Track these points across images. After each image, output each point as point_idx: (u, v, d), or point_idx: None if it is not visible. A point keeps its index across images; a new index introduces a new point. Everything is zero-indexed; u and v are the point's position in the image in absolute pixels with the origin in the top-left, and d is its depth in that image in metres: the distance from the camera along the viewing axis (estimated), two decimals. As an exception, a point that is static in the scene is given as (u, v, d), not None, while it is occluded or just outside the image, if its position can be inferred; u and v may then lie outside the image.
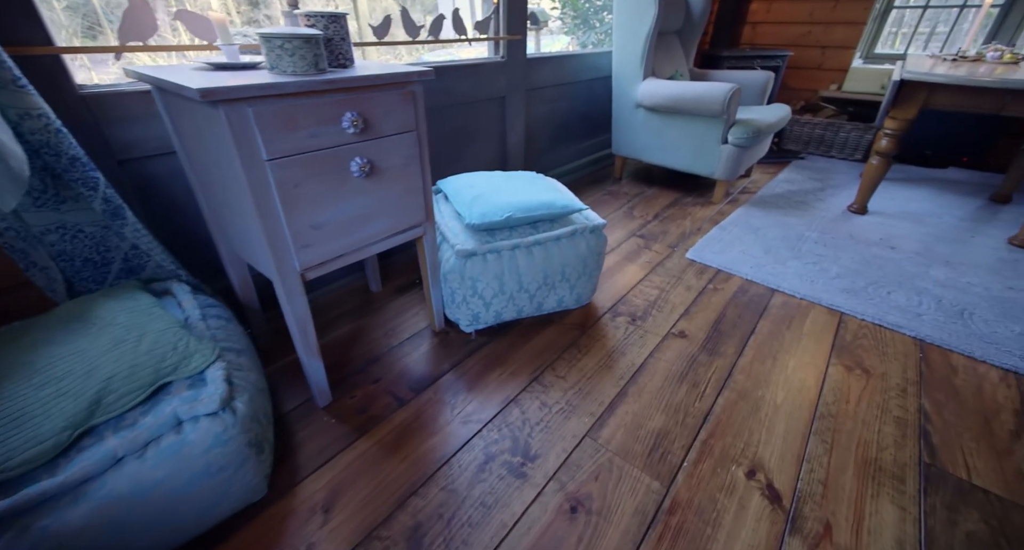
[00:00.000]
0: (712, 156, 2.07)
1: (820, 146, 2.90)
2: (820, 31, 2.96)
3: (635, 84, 2.18)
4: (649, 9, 1.99)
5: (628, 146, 2.37)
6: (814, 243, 1.79)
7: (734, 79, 2.44)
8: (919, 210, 2.10)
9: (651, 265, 1.62)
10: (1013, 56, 1.89)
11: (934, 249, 1.74)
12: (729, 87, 1.88)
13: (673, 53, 2.41)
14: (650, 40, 2.05)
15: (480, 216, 1.11)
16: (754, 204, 2.17)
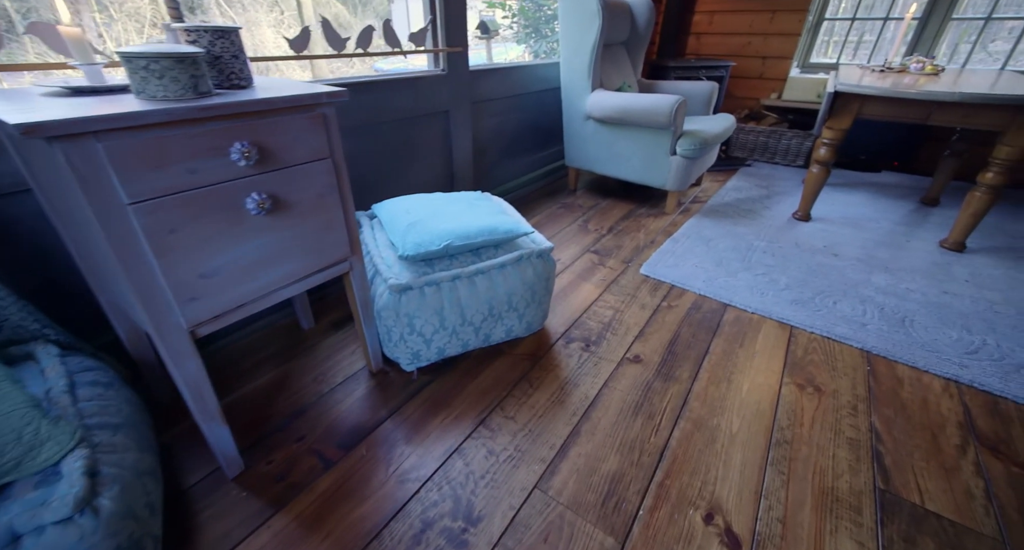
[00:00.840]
0: (662, 167, 2.06)
1: (765, 153, 2.99)
2: (759, 42, 3.06)
3: (583, 96, 2.15)
4: (593, 21, 1.97)
5: (580, 158, 2.34)
6: (763, 253, 1.81)
7: (680, 90, 2.47)
8: (858, 215, 2.18)
9: (605, 283, 1.57)
10: (933, 68, 2.00)
11: (874, 255, 1.80)
12: (675, 99, 1.88)
13: (621, 64, 2.40)
14: (596, 52, 2.03)
15: (415, 246, 1.01)
16: (705, 214, 2.18)
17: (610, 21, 2.15)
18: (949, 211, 2.24)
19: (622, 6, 2.27)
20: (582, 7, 1.98)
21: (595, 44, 2.01)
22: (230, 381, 1.10)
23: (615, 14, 2.20)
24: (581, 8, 1.99)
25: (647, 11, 2.38)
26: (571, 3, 2.02)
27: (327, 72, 2.63)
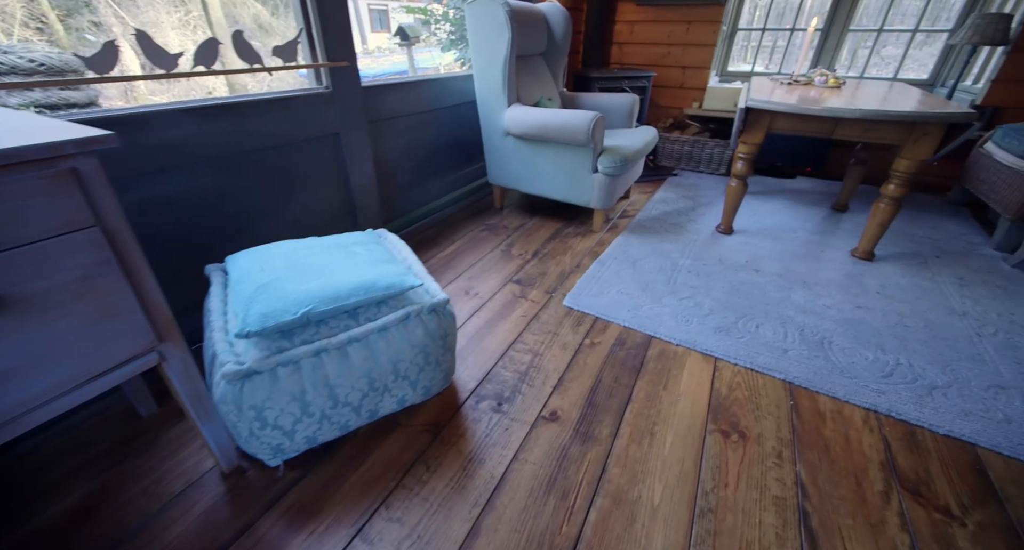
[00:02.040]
0: (585, 185, 1.97)
1: (690, 162, 3.02)
2: (678, 52, 3.09)
3: (500, 111, 2.02)
4: (502, 33, 1.84)
5: (503, 176, 2.20)
6: (688, 272, 1.75)
7: (602, 103, 2.40)
8: (776, 225, 2.21)
9: (526, 320, 1.43)
10: (836, 80, 2.05)
11: (792, 269, 1.80)
12: (592, 116, 1.78)
13: (540, 77, 2.29)
14: (509, 65, 1.90)
15: (261, 318, 0.81)
16: (633, 230, 2.12)
17: (522, 33, 2.03)
18: (858, 217, 2.33)
19: (536, 16, 2.16)
20: (489, 19, 1.85)
21: (507, 57, 1.87)
22: (28, 503, 0.83)
23: (528, 25, 2.08)
24: (488, 20, 1.85)
25: (563, 22, 2.29)
26: (478, 14, 1.87)
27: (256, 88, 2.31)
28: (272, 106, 1.27)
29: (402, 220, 2.03)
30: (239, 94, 1.21)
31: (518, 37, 1.96)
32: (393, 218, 1.96)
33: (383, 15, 11.83)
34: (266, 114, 1.27)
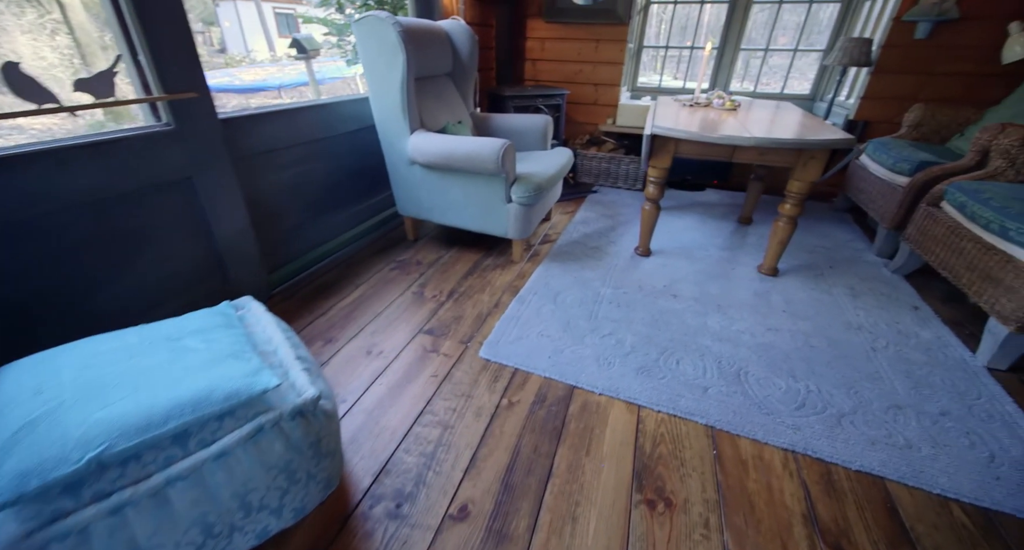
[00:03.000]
0: (500, 215, 1.86)
1: (608, 178, 3.04)
2: (590, 69, 3.11)
3: (403, 138, 1.84)
4: (396, 55, 1.67)
5: (413, 206, 2.03)
6: (609, 304, 1.70)
7: (515, 125, 2.31)
8: (690, 242, 2.25)
9: (437, 381, 1.27)
10: (732, 103, 2.13)
11: (707, 291, 1.81)
12: (500, 144, 1.67)
13: (447, 98, 2.15)
14: (407, 89, 1.73)
15: (17, 479, 0.57)
16: (554, 257, 2.04)
17: (421, 53, 1.88)
18: (761, 229, 2.45)
19: (436, 35, 2.02)
20: (381, 40, 1.67)
21: (403, 80, 1.71)
22: None
23: (427, 45, 1.93)
24: (380, 41, 1.67)
25: (468, 40, 2.17)
26: (367, 34, 1.69)
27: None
28: (85, 153, 1.00)
29: (294, 265, 1.78)
30: (36, 141, 0.94)
31: (415, 58, 1.80)
32: (282, 265, 1.70)
33: (290, 20, 11.03)
34: (78, 163, 0.99)
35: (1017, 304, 1.34)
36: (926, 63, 2.51)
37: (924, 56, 2.49)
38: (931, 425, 1.20)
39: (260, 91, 5.33)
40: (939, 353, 1.49)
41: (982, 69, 2.42)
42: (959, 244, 1.62)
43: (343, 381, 1.24)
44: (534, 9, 3.01)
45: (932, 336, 1.57)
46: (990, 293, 1.45)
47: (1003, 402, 1.28)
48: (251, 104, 6.17)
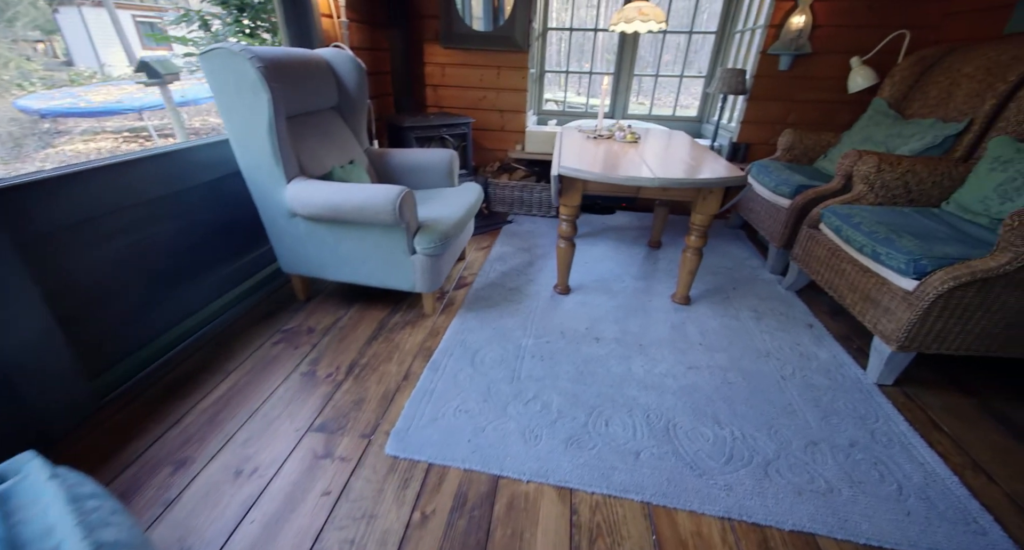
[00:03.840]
0: (404, 268, 1.66)
1: (522, 206, 2.98)
2: (494, 96, 3.03)
3: (278, 188, 1.57)
4: (258, 94, 1.41)
5: (300, 263, 1.75)
6: (532, 358, 1.58)
7: (417, 160, 2.13)
8: (606, 273, 2.23)
9: (331, 501, 1.04)
10: (633, 136, 2.16)
11: (628, 329, 1.78)
12: (397, 193, 1.48)
13: (334, 136, 1.91)
14: (276, 132, 1.47)
15: None
16: (471, 305, 1.89)
17: (295, 89, 1.63)
18: (670, 252, 2.52)
19: (314, 66, 1.78)
20: (235, 77, 1.40)
21: (270, 123, 1.45)
22: None
23: (303, 79, 1.69)
24: (236, 78, 1.40)
25: (355, 70, 1.95)
26: (218, 71, 1.41)
27: None
28: None
29: (135, 359, 1.40)
30: None
31: (287, 96, 1.55)
32: (115, 363, 1.33)
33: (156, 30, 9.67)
34: None
35: (896, 325, 1.45)
36: (790, 91, 2.78)
37: (788, 85, 2.77)
38: (845, 460, 1.23)
39: (115, 114, 4.51)
40: (837, 374, 1.58)
41: (834, 97, 2.74)
42: (840, 266, 1.75)
43: (200, 524, 0.96)
44: (430, 34, 2.86)
45: (828, 356, 1.67)
46: (872, 313, 1.57)
47: (896, 422, 1.36)
48: (106, 127, 5.22)
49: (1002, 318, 1.38)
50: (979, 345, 1.44)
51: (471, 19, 2.88)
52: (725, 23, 3.25)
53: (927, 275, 1.39)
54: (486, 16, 2.91)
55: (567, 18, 3.61)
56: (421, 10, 2.79)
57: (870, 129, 2.36)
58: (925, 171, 1.83)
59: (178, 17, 2.77)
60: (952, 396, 1.50)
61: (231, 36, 2.96)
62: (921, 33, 2.52)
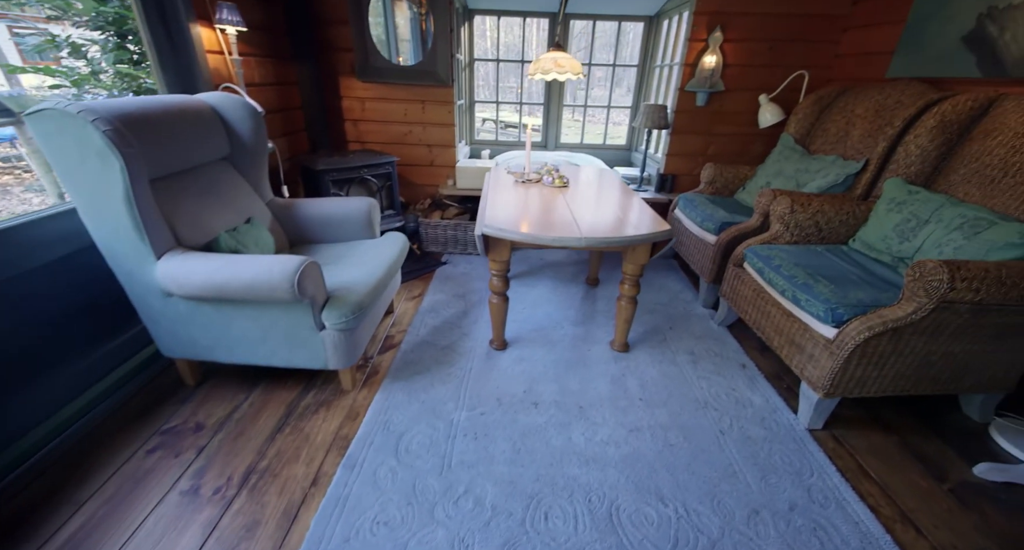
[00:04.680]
0: (313, 346, 1.46)
1: (457, 245, 2.84)
2: (420, 130, 2.89)
3: (145, 266, 1.32)
4: (108, 161, 1.16)
5: (184, 346, 1.49)
6: (464, 436, 1.43)
7: (331, 212, 1.93)
8: (544, 320, 2.14)
9: None
10: (561, 180, 2.10)
11: (568, 387, 1.69)
12: (295, 267, 1.28)
13: (223, 193, 1.66)
14: (136, 202, 1.23)
15: None
16: (398, 373, 1.71)
17: (163, 147, 1.39)
18: (608, 290, 2.49)
19: (193, 116, 1.54)
20: (80, 144, 1.15)
21: (127, 193, 1.20)
22: None
23: (175, 134, 1.45)
24: (77, 145, 1.15)
25: (249, 117, 1.73)
26: (53, 134, 1.15)
27: None
28: None
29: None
30: None
31: (150, 156, 1.32)
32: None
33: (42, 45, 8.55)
34: None
35: (820, 372, 1.47)
36: (709, 125, 2.90)
37: (706, 120, 2.88)
38: (786, 528, 1.19)
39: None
40: (772, 421, 1.57)
41: (749, 130, 2.88)
42: (765, 307, 1.78)
43: None
44: (346, 67, 2.68)
45: (762, 401, 1.67)
46: (798, 359, 1.58)
47: (829, 474, 1.36)
48: (-35, 162, 4.42)
49: (913, 361, 1.43)
50: (894, 386, 1.49)
51: (395, 55, 2.73)
52: (645, 57, 3.36)
53: (845, 324, 1.42)
54: (414, 51, 2.79)
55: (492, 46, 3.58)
56: (334, 42, 2.60)
57: (781, 163, 2.49)
58: (832, 210, 1.93)
59: (37, 45, 2.36)
60: (875, 435, 1.54)
61: (110, 65, 2.59)
62: (818, 72, 2.72)
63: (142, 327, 1.60)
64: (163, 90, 1.76)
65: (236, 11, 1.84)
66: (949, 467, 1.42)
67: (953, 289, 1.24)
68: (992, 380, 1.52)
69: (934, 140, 1.80)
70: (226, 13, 1.81)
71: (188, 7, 1.73)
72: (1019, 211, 1.50)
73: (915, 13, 2.18)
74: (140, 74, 2.66)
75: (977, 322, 1.34)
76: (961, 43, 1.96)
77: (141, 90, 2.53)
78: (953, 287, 1.24)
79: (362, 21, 2.52)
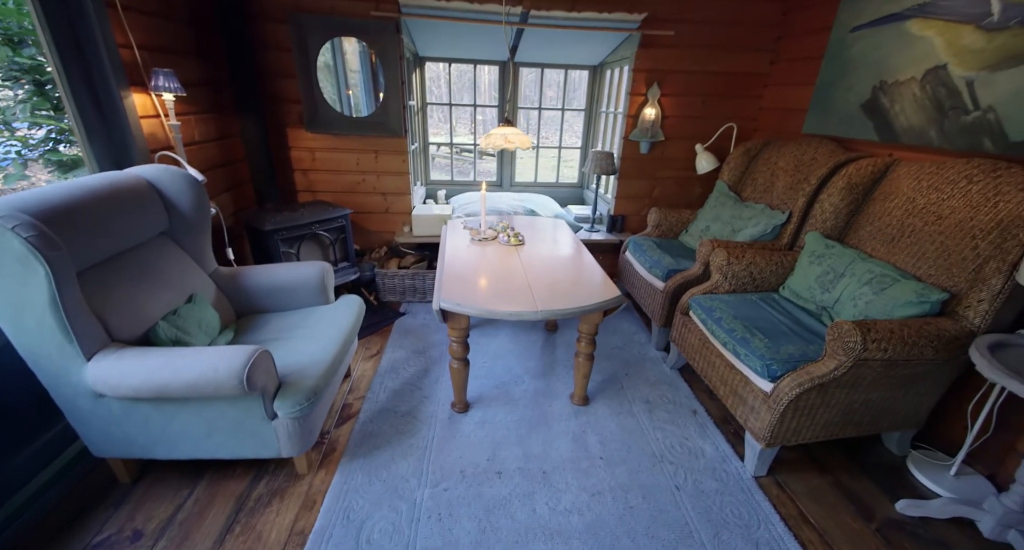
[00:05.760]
0: (265, 435, 1.40)
1: (415, 293, 2.82)
2: (374, 179, 2.88)
3: (72, 369, 1.22)
4: (31, 268, 1.08)
5: (118, 446, 1.38)
6: (429, 519, 1.42)
7: (280, 278, 1.87)
8: (505, 374, 2.17)
9: None
10: (517, 240, 2.16)
11: (531, 452, 1.71)
12: (244, 360, 1.23)
13: (164, 270, 1.58)
14: (63, 306, 1.14)
15: None
16: (356, 449, 1.67)
17: (96, 234, 1.31)
18: (567, 335, 2.55)
19: (127, 194, 1.46)
20: (-12, 245, 1.06)
21: (53, 298, 1.12)
22: None
23: (108, 217, 1.37)
24: (-12, 246, 1.06)
25: (190, 188, 1.66)
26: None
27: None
28: None
29: None
30: None
31: (79, 249, 1.24)
32: None
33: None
34: None
35: (761, 424, 1.59)
36: (652, 171, 3.08)
37: (650, 166, 3.07)
38: (738, 590, 1.27)
39: None
40: (722, 472, 1.67)
41: (689, 175, 3.09)
42: (710, 357, 1.90)
43: None
44: (294, 118, 2.63)
45: (712, 450, 1.77)
46: (741, 410, 1.70)
47: (774, 523, 1.46)
48: None
49: (838, 410, 1.58)
50: (825, 432, 1.63)
51: (346, 107, 2.72)
52: (592, 102, 3.54)
53: (779, 379, 1.54)
54: (366, 102, 2.78)
55: (446, 79, 3.63)
56: (281, 95, 2.56)
57: (718, 209, 2.68)
58: (763, 261, 2.10)
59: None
60: (813, 477, 1.67)
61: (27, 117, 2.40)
62: (745, 123, 2.98)
63: (67, 423, 1.47)
64: (91, 163, 1.66)
65: (174, 77, 1.77)
66: (875, 505, 1.56)
67: (866, 349, 1.39)
68: (905, 419, 1.70)
69: (844, 199, 2.02)
70: (163, 80, 1.74)
71: (120, 75, 1.66)
72: (916, 269, 1.70)
73: (822, 78, 2.45)
74: (64, 126, 2.47)
75: (888, 374, 1.50)
76: (860, 110, 2.23)
77: (64, 130, 2.35)
78: (866, 348, 1.38)
79: (310, 75, 2.50)
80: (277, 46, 2.44)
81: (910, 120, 1.99)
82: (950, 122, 1.83)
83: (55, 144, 2.43)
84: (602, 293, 1.70)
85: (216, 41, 2.27)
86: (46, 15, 1.51)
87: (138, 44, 1.75)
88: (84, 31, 1.56)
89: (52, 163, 2.35)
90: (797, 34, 2.64)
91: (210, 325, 1.58)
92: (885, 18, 2.09)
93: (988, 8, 1.67)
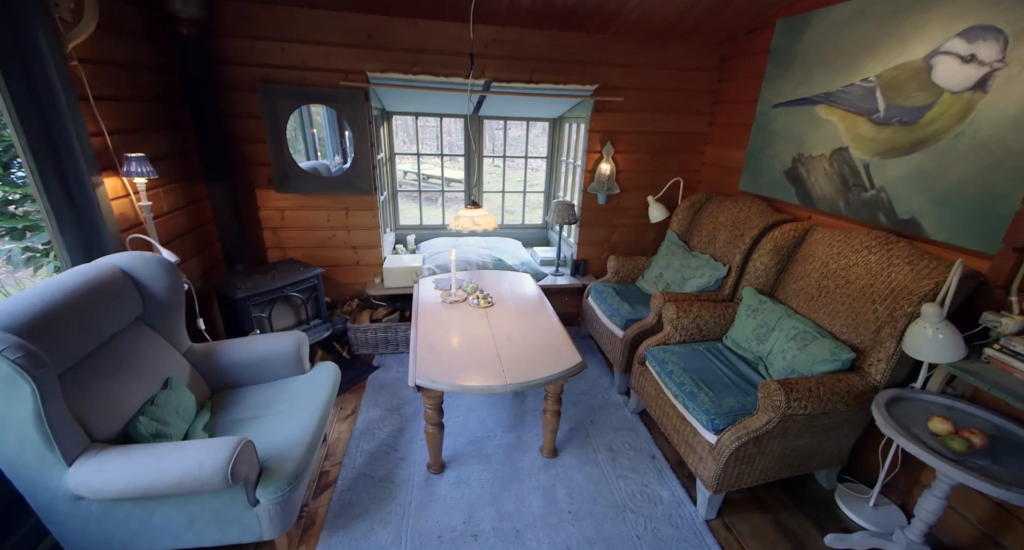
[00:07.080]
0: (246, 522, 1.45)
1: (388, 346, 2.90)
2: (344, 234, 2.95)
3: (54, 473, 1.25)
4: (16, 386, 1.11)
5: (95, 543, 1.39)
6: (409, 590, 1.50)
7: (255, 352, 1.92)
8: (478, 430, 2.28)
9: None
10: (486, 303, 2.30)
11: (504, 510, 1.82)
12: (228, 455, 1.29)
13: (139, 357, 1.61)
14: (48, 416, 1.18)
15: None
16: (336, 521, 1.72)
17: (67, 341, 1.34)
18: (536, 382, 2.70)
19: (102, 287, 1.50)
20: (-27, 369, 1.10)
21: (38, 412, 1.16)
22: None
23: (85, 315, 1.41)
24: (-28, 369, 1.10)
25: (163, 271, 1.70)
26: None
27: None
28: None
29: None
30: None
31: (60, 354, 1.27)
32: None
33: None
34: None
35: (709, 473, 1.77)
36: (609, 219, 3.32)
37: (608, 215, 3.31)
38: (691, 636, 1.42)
39: None
40: (677, 518, 1.84)
41: (644, 222, 3.35)
42: (665, 408, 2.09)
43: None
44: (263, 180, 2.69)
45: (670, 496, 1.95)
46: (692, 458, 1.89)
47: (723, 568, 1.64)
48: None
49: (773, 457, 1.79)
50: (763, 476, 1.84)
51: (316, 167, 2.80)
52: (553, 150, 3.78)
53: (722, 432, 1.74)
54: (336, 163, 2.87)
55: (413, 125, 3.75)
56: (249, 158, 2.62)
57: (669, 257, 2.94)
58: (708, 314, 2.33)
59: None
60: (755, 516, 1.87)
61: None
62: (690, 177, 3.29)
63: (37, 521, 1.46)
64: (62, 253, 1.68)
65: (146, 161, 1.82)
66: (808, 540, 1.78)
67: (790, 407, 1.61)
68: (830, 458, 1.94)
69: (772, 258, 2.29)
70: (135, 165, 1.79)
71: (92, 164, 1.69)
72: (832, 326, 1.97)
73: (752, 143, 2.77)
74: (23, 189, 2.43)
75: (811, 424, 1.73)
76: (784, 176, 2.55)
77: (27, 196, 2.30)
78: (790, 405, 1.60)
79: (279, 139, 2.57)
80: (246, 114, 2.51)
81: (823, 190, 2.30)
82: (853, 196, 2.14)
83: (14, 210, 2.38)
84: (567, 360, 1.86)
85: (185, 113, 2.32)
86: (18, 111, 1.55)
87: (109, 130, 1.79)
88: (56, 124, 1.60)
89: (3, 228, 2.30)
90: (730, 102, 2.97)
91: (187, 409, 1.62)
92: (798, 100, 2.42)
93: (876, 105, 2.00)
